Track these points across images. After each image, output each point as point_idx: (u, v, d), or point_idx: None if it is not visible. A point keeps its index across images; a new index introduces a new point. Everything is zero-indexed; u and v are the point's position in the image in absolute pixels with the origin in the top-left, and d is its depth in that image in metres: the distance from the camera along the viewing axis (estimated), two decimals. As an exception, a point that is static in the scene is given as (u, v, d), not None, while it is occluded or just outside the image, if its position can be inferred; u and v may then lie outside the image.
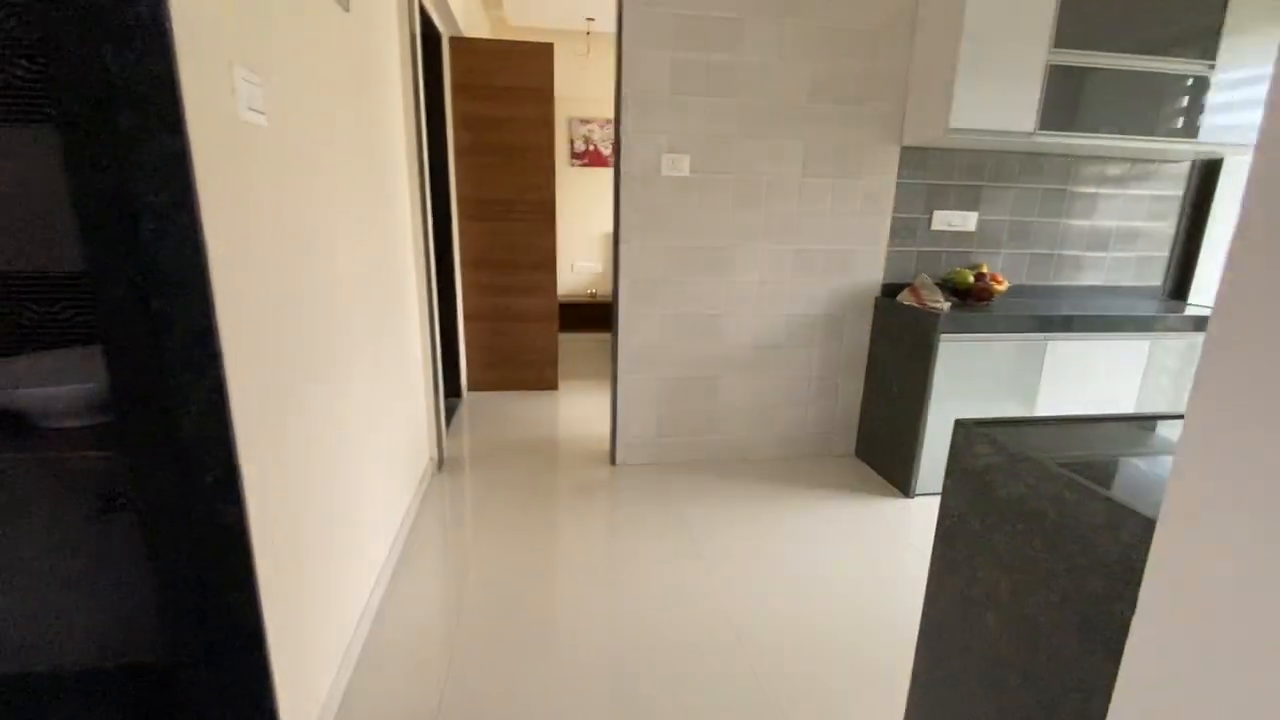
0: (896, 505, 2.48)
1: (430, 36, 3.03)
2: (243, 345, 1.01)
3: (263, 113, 1.08)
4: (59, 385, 1.09)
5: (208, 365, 0.93)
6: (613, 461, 2.79)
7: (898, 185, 2.66)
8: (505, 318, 3.69)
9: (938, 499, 2.68)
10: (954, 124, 2.34)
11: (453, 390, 3.57)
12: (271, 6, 1.14)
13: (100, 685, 1.48)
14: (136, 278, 0.88)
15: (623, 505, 2.42)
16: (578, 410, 3.50)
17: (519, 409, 3.49)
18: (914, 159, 2.64)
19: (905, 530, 2.29)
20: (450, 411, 3.35)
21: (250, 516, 1.03)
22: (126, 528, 1.43)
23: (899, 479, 2.60)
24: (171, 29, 0.83)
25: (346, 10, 1.62)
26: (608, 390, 3.85)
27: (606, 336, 5.26)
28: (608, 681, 1.53)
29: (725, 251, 2.61)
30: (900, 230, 2.72)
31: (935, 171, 2.67)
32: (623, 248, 2.55)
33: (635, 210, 2.51)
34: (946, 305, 2.44)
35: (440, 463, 2.70)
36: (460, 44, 3.27)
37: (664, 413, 2.76)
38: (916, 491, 2.53)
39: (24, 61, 1.22)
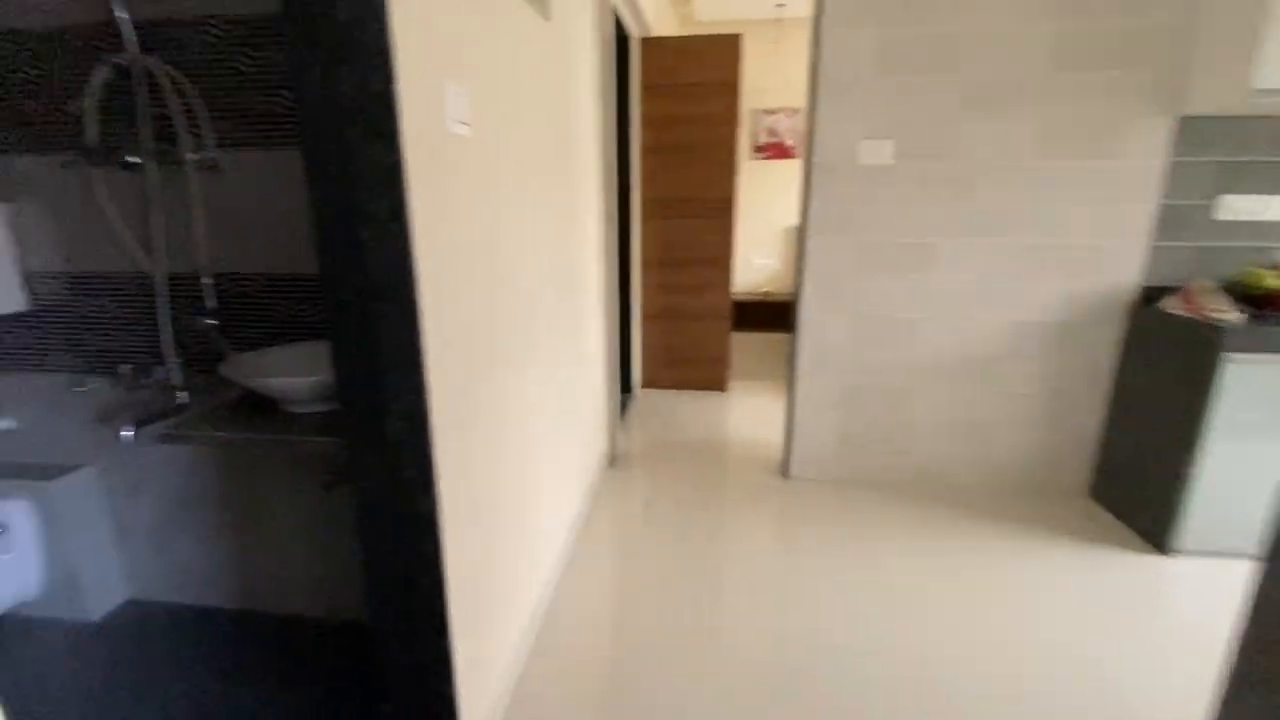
0: (1147, 563, 1.99)
1: (620, 38, 3.08)
2: (441, 349, 1.06)
3: (467, 124, 1.13)
4: (301, 376, 1.25)
5: (412, 369, 0.98)
6: (785, 473, 2.62)
7: (1172, 165, 2.12)
8: (679, 316, 3.68)
9: (1214, 562, 2.14)
10: (1261, 84, 1.80)
11: (625, 386, 3.65)
12: (479, 22, 1.19)
13: (316, 631, 1.70)
14: (358, 282, 0.95)
15: (796, 522, 2.25)
16: (748, 414, 3.37)
17: (689, 409, 3.46)
18: (1196, 132, 2.09)
19: (1159, 597, 1.82)
20: (622, 408, 3.43)
21: (441, 509, 1.09)
22: (347, 503, 1.62)
23: (1151, 530, 2.09)
24: (393, 50, 0.88)
25: (547, 19, 1.67)
26: (780, 394, 3.67)
27: (779, 337, 5.04)
28: (771, 703, 1.41)
29: (929, 248, 2.30)
30: (1169, 221, 2.17)
31: (1226, 147, 2.09)
32: (809, 243, 2.36)
33: (825, 202, 2.31)
34: (1237, 316, 1.90)
35: (613, 458, 2.76)
36: (651, 44, 3.29)
37: (847, 425, 2.53)
38: (1178, 549, 2.01)
39: (284, 92, 1.42)
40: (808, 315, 2.43)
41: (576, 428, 2.17)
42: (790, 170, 5.06)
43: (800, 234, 2.39)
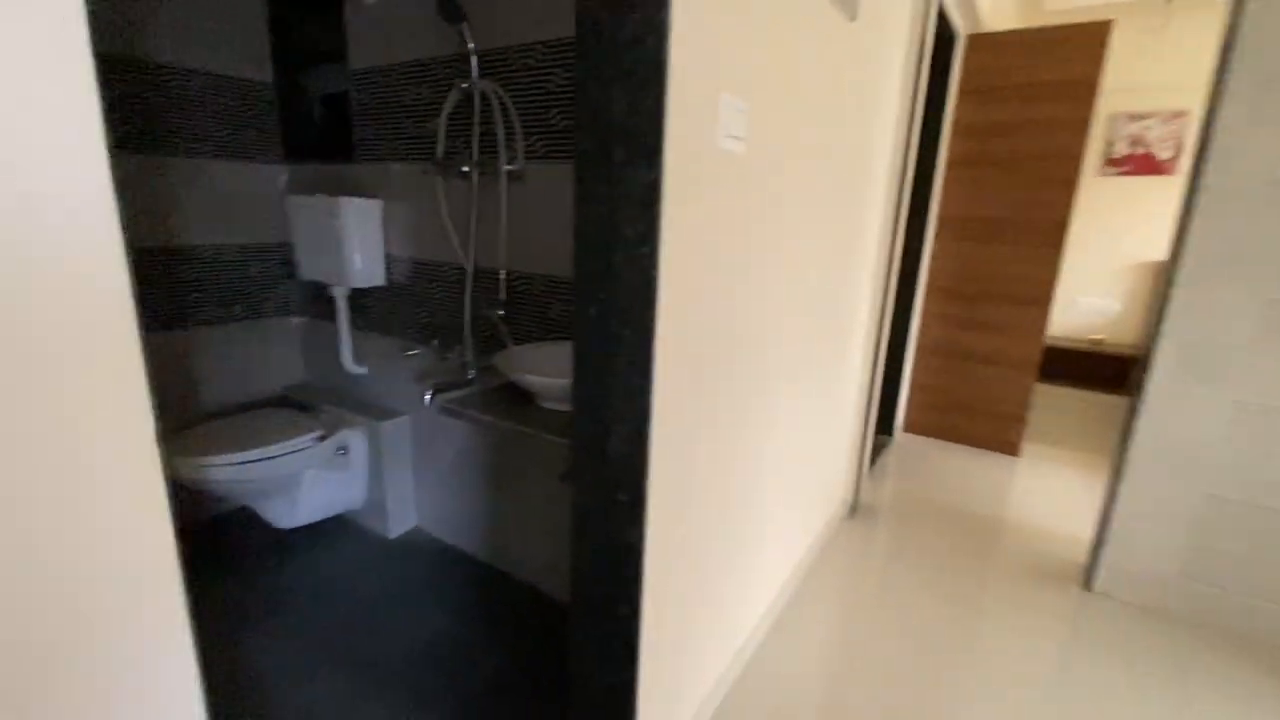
0: None
1: (943, 36, 2.70)
2: (669, 374, 1.00)
3: (741, 139, 1.04)
4: (554, 376, 1.32)
5: (639, 394, 0.94)
6: (1087, 585, 2.02)
7: None
8: (966, 356, 3.13)
9: None
10: None
11: (884, 427, 3.24)
12: (768, 25, 1.09)
13: (543, 605, 1.81)
14: (603, 300, 0.94)
15: (1093, 654, 1.71)
16: (1043, 491, 2.71)
17: (962, 469, 2.92)
18: None
19: None
20: (876, 451, 3.05)
21: (648, 537, 1.03)
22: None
23: None
24: (667, 66, 0.83)
25: (853, 19, 1.49)
26: (1096, 476, 2.87)
27: (1108, 399, 3.97)
28: None
29: None
30: None
31: None
32: (1178, 290, 1.75)
33: (1215, 238, 1.68)
34: None
35: (854, 508, 2.46)
36: (980, 41, 2.83)
37: (1200, 546, 1.83)
38: None
39: (557, 109, 1.51)
40: (1159, 386, 1.82)
41: (814, 466, 1.96)
42: (1158, 190, 3.94)
43: (1166, 275, 1.79)
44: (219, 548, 2.07)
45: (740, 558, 1.48)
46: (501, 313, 1.74)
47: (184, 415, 2.12)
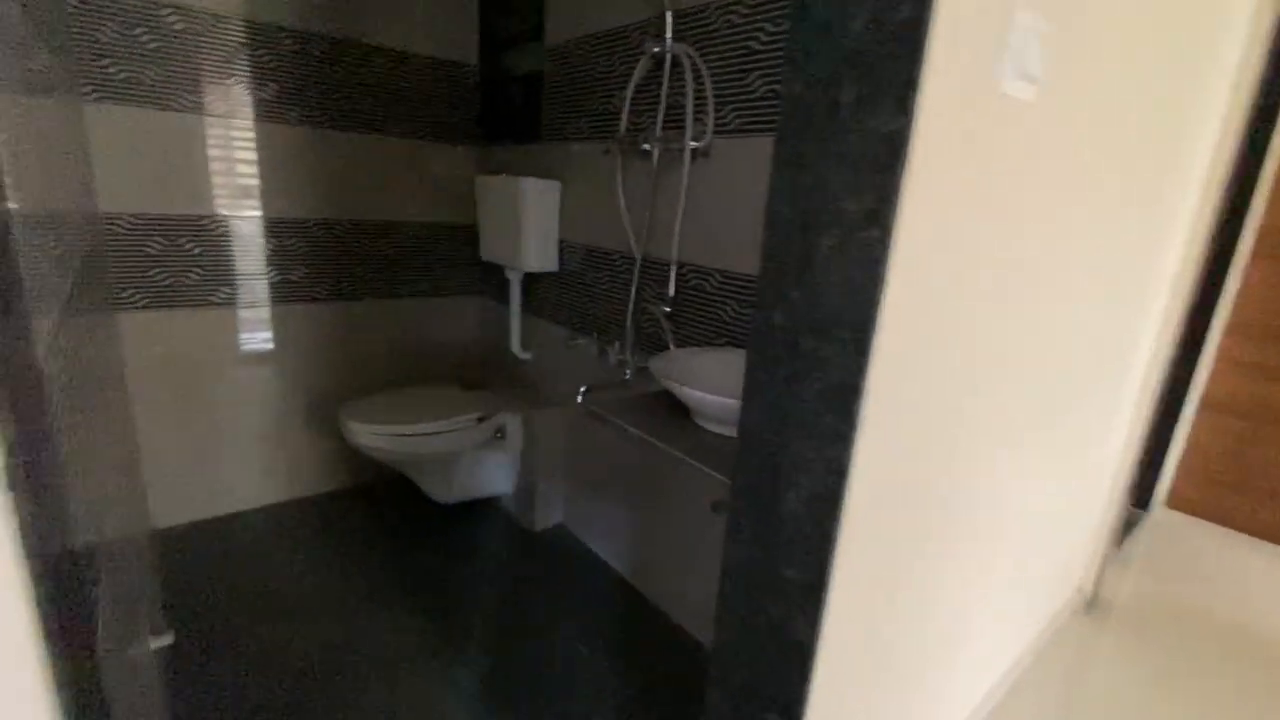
0: None
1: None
2: (882, 416, 0.71)
3: (1035, 82, 0.71)
4: (715, 391, 1.09)
5: (835, 439, 0.67)
6: None
7: None
8: (1274, 419, 2.30)
9: None
10: None
11: (1140, 500, 2.51)
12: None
13: (683, 646, 1.59)
14: (797, 303, 0.68)
15: None
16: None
17: (1245, 567, 2.15)
18: None
19: None
20: (1125, 528, 2.36)
21: (823, 637, 0.76)
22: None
23: None
24: (943, -47, 0.55)
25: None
26: None
27: None
28: None
29: None
30: None
31: None
32: None
33: None
34: None
35: (1092, 602, 1.89)
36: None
37: None
38: None
39: (758, 73, 1.24)
40: None
41: (1043, 543, 1.49)
42: None
43: None
44: (377, 511, 2.16)
45: (933, 658, 1.12)
46: (667, 309, 1.54)
47: (364, 381, 2.24)
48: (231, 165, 1.84)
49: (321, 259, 2.05)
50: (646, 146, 1.52)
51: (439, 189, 2.25)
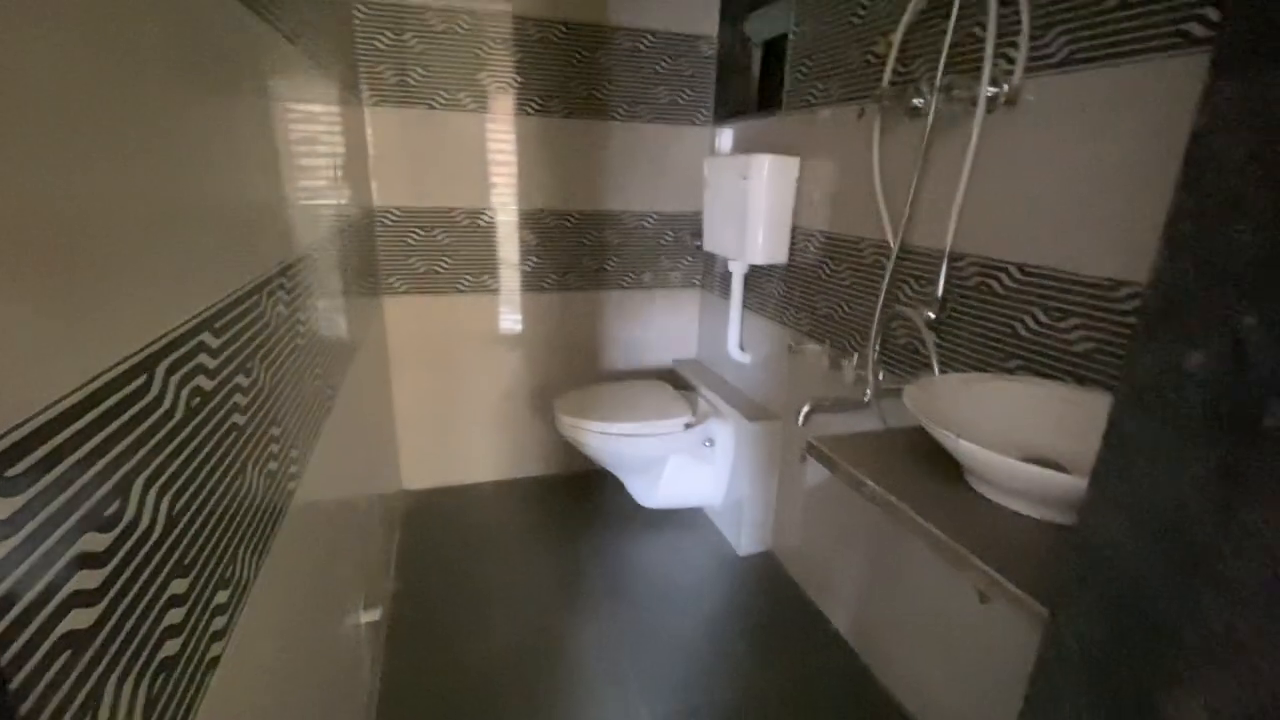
0: None
1: None
2: None
3: None
4: (1006, 449, 0.72)
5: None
6: None
7: None
8: None
9: None
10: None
11: None
12: None
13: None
14: (1246, 328, 0.34)
15: None
16: None
17: None
18: None
19: None
20: None
21: None
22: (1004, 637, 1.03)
23: None
24: None
25: None
26: None
27: None
28: None
29: None
30: None
31: None
32: None
33: None
34: None
35: None
36: None
37: None
38: None
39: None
40: None
41: None
42: None
43: None
44: (582, 504, 2.13)
45: None
46: (932, 315, 1.17)
47: (582, 371, 2.23)
48: (479, 158, 1.92)
49: (553, 249, 2.07)
50: (918, 102, 1.16)
51: (664, 175, 2.12)
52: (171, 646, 0.42)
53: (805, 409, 1.27)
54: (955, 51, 1.10)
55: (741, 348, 1.94)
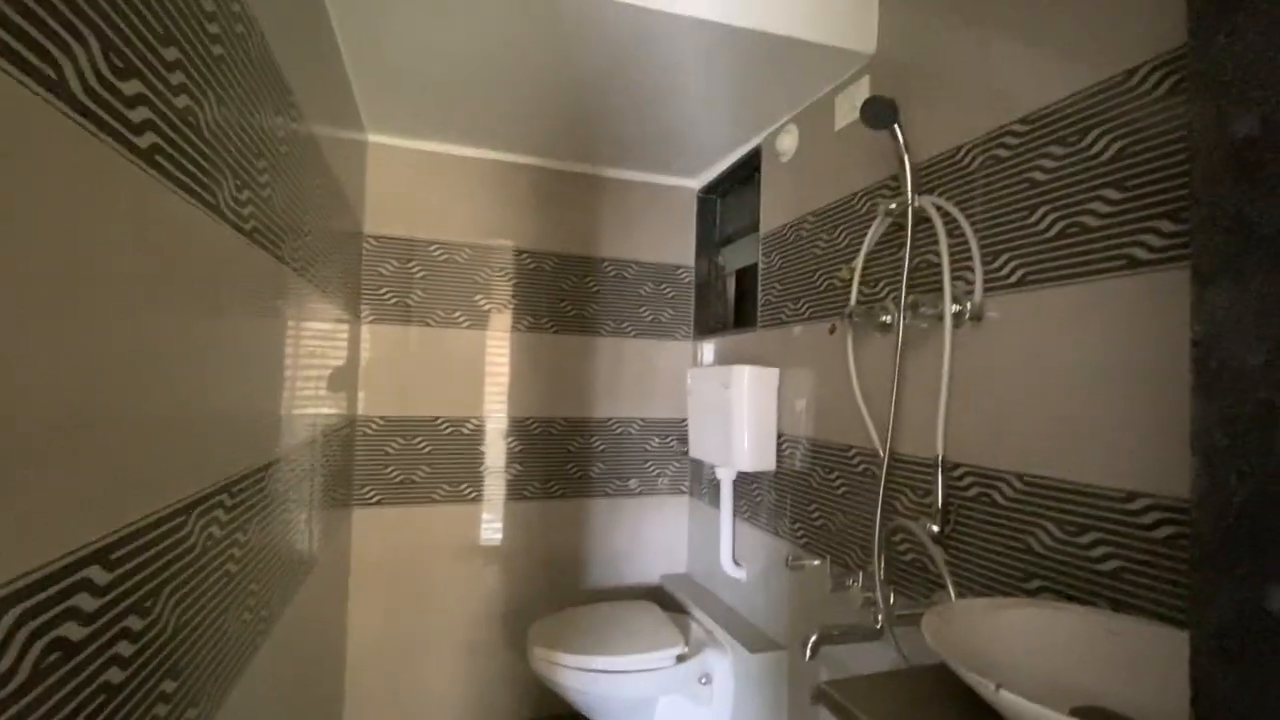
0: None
1: None
2: None
3: None
4: (1053, 694, 0.60)
5: None
6: None
7: None
8: None
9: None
10: None
11: None
12: None
13: None
14: None
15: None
16: None
17: None
18: None
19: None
20: None
21: None
22: None
23: None
24: None
25: None
26: None
27: None
28: None
29: None
30: None
31: None
32: None
33: None
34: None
35: None
36: None
37: None
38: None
39: (1047, 208, 0.89)
40: None
41: None
42: None
43: None
44: None
45: None
46: (935, 528, 1.09)
47: (561, 591, 2.03)
48: (469, 370, 1.97)
49: (537, 455, 2.02)
50: (886, 318, 1.22)
51: (648, 385, 2.17)
52: None
53: (813, 639, 1.12)
54: (915, 275, 1.19)
55: (736, 561, 1.79)
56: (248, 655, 0.80)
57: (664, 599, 2.00)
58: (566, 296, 2.07)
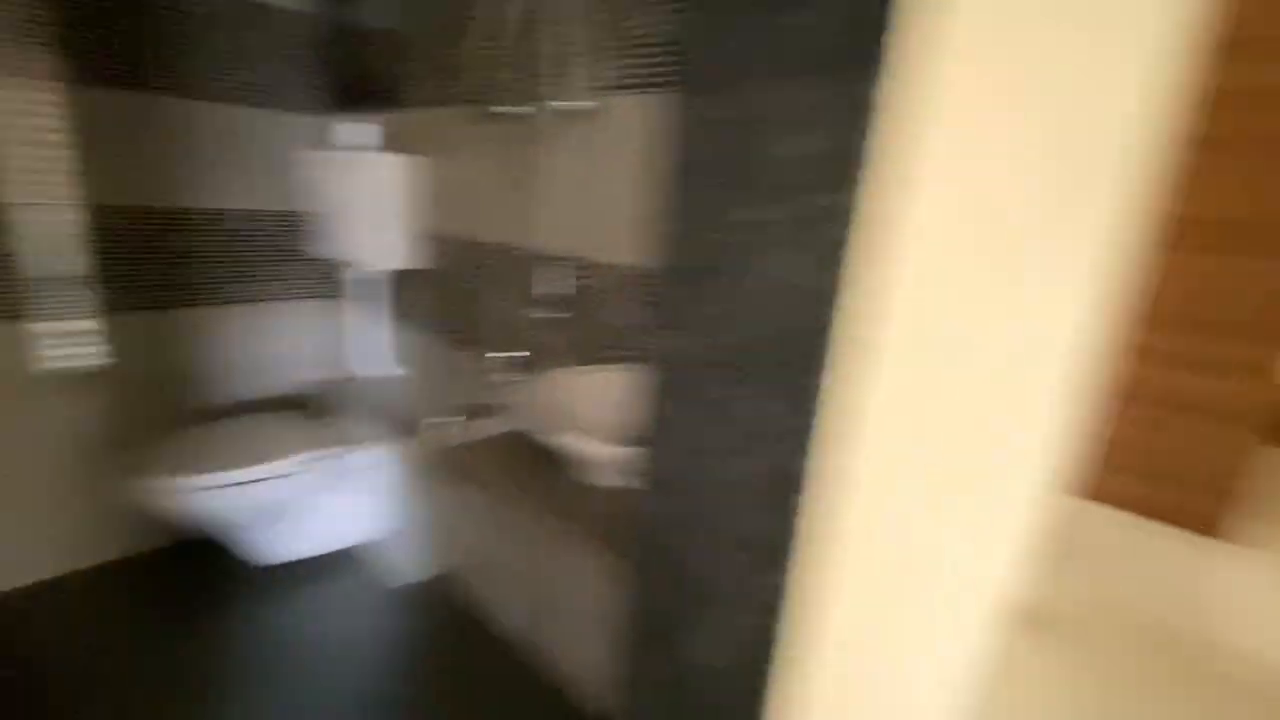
0: None
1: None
2: (863, 494, 0.44)
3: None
4: (597, 435, 0.79)
5: (775, 555, 0.40)
6: None
7: None
8: (1170, 404, 2.31)
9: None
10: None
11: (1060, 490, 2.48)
12: None
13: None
14: (707, 316, 0.41)
15: None
16: (1248, 590, 1.88)
17: (1146, 556, 2.13)
18: None
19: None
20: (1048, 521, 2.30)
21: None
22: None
23: None
24: None
25: None
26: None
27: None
28: None
29: None
30: None
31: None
32: None
33: None
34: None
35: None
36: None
37: None
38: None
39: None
40: None
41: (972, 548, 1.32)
42: None
43: None
44: (180, 586, 1.68)
45: None
46: (545, 315, 1.24)
47: (170, 418, 1.76)
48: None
49: (110, 257, 1.58)
50: (500, 109, 1.20)
51: (265, 168, 1.81)
52: None
53: (431, 422, 1.22)
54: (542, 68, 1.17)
55: (385, 361, 1.79)
56: None
57: (312, 406, 1.91)
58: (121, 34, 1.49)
